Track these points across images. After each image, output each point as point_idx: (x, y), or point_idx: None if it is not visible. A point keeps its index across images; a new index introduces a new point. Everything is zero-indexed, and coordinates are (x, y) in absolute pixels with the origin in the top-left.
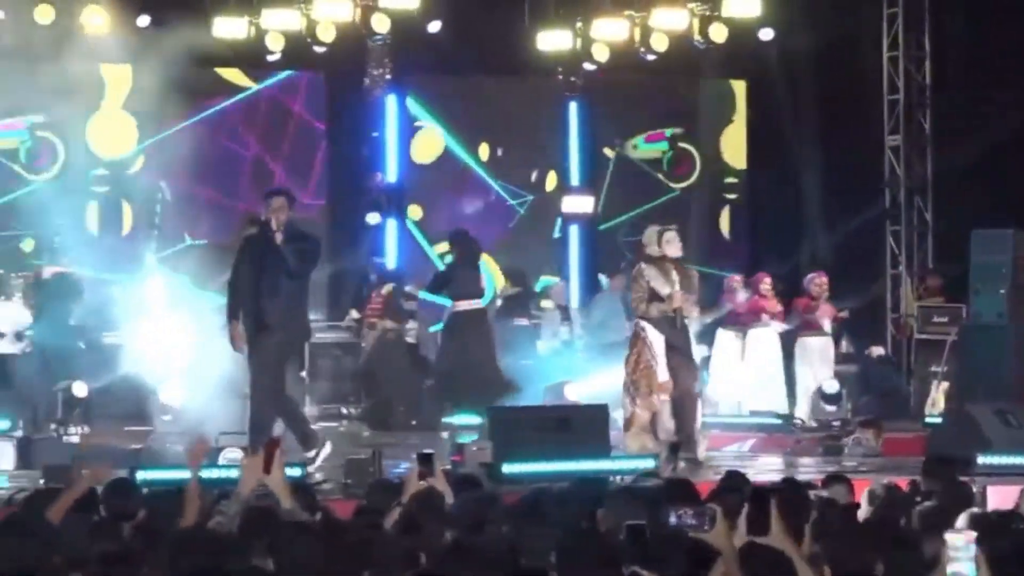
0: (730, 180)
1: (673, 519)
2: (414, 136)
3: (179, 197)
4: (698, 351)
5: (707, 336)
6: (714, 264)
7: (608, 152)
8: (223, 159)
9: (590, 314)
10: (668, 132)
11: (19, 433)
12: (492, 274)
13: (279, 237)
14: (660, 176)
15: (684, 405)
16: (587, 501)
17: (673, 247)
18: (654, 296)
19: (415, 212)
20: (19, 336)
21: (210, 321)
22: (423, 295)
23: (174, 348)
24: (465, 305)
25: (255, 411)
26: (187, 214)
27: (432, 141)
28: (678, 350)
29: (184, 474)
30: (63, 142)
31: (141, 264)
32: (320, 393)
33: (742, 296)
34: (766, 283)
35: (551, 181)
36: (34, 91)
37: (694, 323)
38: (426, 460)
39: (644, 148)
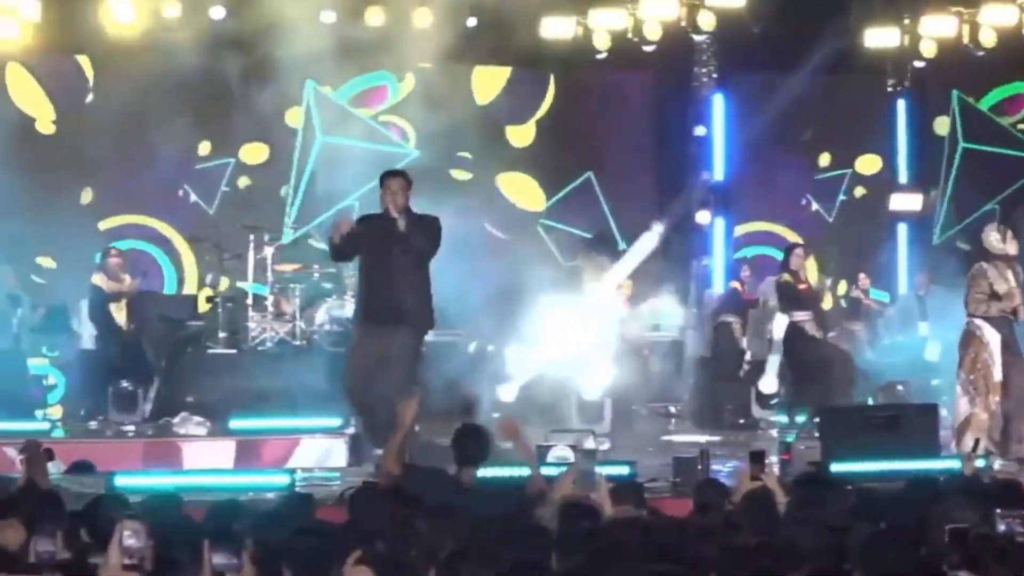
0: None
1: (1001, 524)
2: None
3: None
4: None
5: None
6: None
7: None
8: None
9: (890, 314)
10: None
11: (351, 430)
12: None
13: (402, 222)
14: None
15: (1019, 404)
16: (919, 502)
17: (1014, 245)
18: (994, 295)
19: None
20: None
21: (554, 325)
22: None
23: (517, 347)
24: (800, 315)
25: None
26: None
27: None
28: (1012, 349)
29: (510, 471)
30: (413, 128)
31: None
32: (649, 392)
33: None
34: None
35: (873, 164)
36: None
37: None
38: (758, 458)
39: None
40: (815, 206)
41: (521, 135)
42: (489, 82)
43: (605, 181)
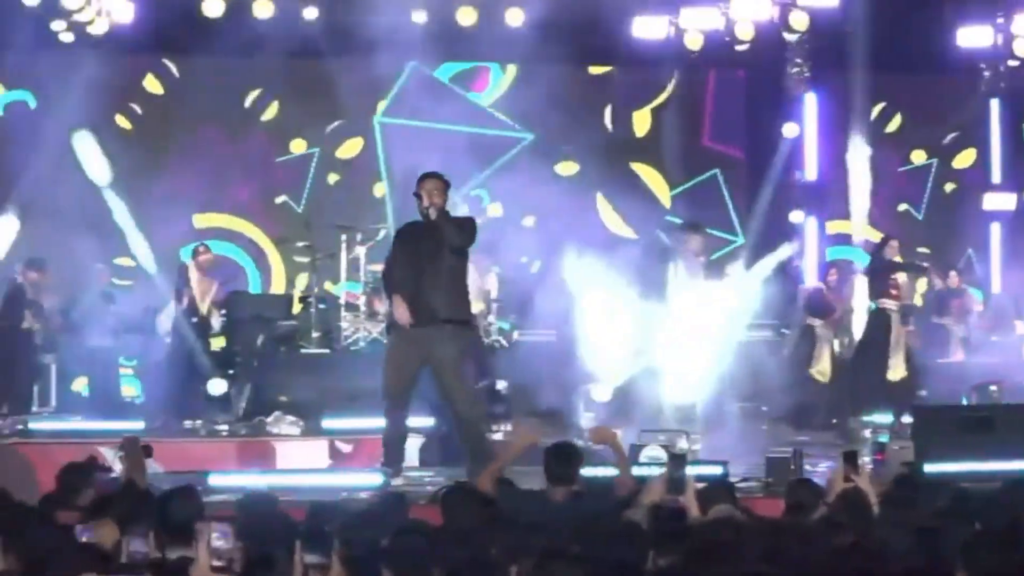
0: None
1: None
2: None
3: None
4: None
5: None
6: None
7: None
8: None
9: (984, 314)
10: None
11: (443, 430)
12: None
13: (433, 212)
14: None
15: None
16: (1014, 503)
17: None
18: None
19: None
20: None
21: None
22: None
23: (613, 346)
24: (888, 303)
25: (471, 417)
26: None
27: None
28: None
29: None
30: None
31: None
32: (741, 391)
33: None
34: None
35: (967, 159)
36: None
37: None
38: (851, 459)
39: None
40: (904, 206)
41: (640, 124)
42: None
43: (712, 180)
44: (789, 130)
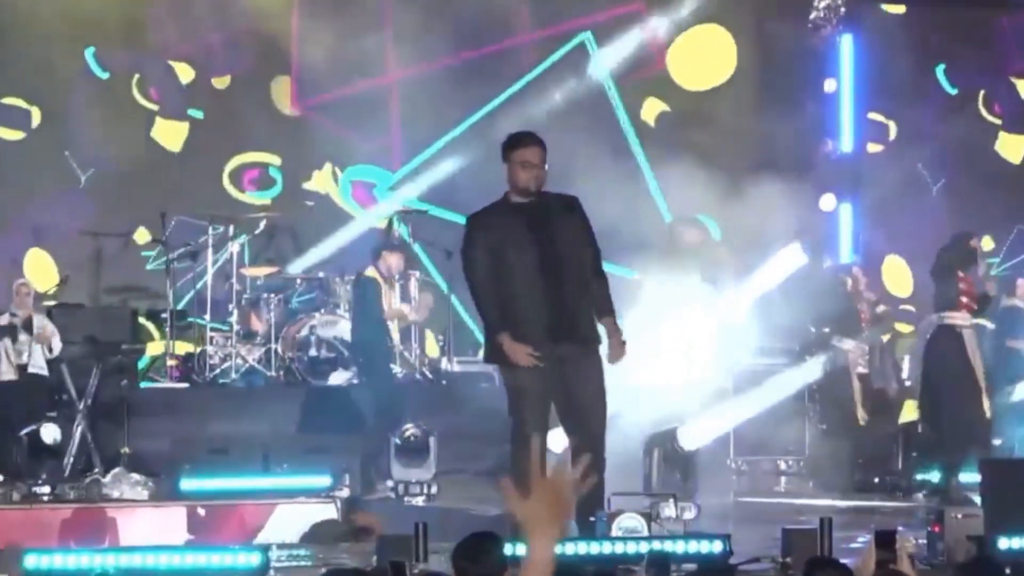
0: None
1: None
2: None
3: None
4: None
5: None
6: None
7: None
8: None
9: None
10: None
11: (344, 492)
12: None
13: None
14: None
15: None
16: None
17: None
18: None
19: None
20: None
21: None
22: None
23: None
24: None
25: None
26: None
27: None
28: None
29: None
30: None
31: None
32: (752, 441)
33: None
34: None
35: None
36: None
37: None
38: (886, 542)
39: None
40: None
41: None
42: None
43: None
44: (819, 84)
